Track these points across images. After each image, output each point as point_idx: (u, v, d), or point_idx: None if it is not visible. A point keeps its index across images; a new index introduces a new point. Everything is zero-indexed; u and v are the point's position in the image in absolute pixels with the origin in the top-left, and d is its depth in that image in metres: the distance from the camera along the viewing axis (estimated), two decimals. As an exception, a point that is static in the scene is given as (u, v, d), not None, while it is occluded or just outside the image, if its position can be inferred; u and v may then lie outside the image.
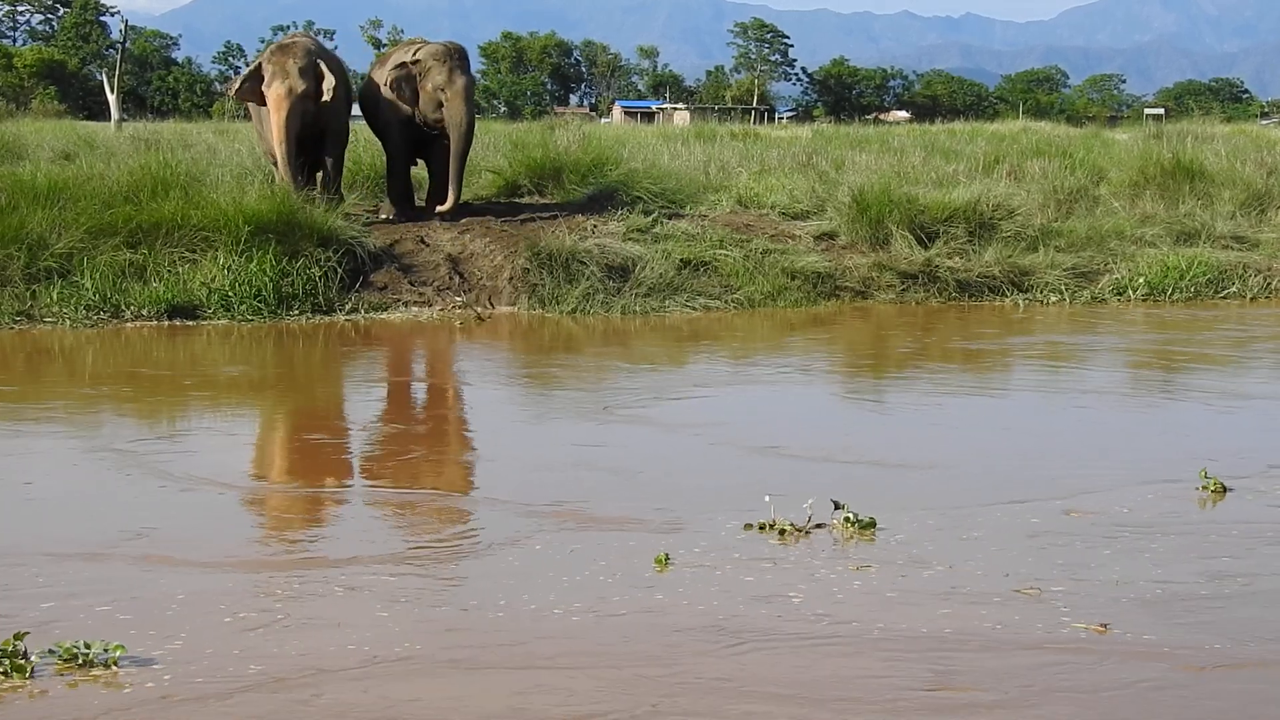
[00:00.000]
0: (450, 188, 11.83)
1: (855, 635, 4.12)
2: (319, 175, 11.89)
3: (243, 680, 3.74)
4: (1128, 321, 11.30)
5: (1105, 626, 4.21)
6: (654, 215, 12.38)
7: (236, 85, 11.81)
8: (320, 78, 11.30)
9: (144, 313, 10.11)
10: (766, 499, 5.18)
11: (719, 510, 5.34)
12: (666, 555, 4.72)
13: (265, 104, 11.39)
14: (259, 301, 10.33)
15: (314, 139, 11.56)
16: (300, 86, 11.14)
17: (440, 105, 11.69)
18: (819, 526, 5.12)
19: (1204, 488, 5.69)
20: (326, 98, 11.30)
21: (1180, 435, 7.11)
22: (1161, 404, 8.14)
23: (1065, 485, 5.81)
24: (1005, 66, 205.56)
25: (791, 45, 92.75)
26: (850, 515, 5.12)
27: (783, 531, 5.06)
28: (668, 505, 5.43)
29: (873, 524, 5.10)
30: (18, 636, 3.78)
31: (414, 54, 11.86)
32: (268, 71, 11.27)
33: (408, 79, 11.71)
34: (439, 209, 11.88)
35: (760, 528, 5.09)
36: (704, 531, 5.10)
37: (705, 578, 4.60)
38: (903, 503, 5.49)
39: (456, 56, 11.88)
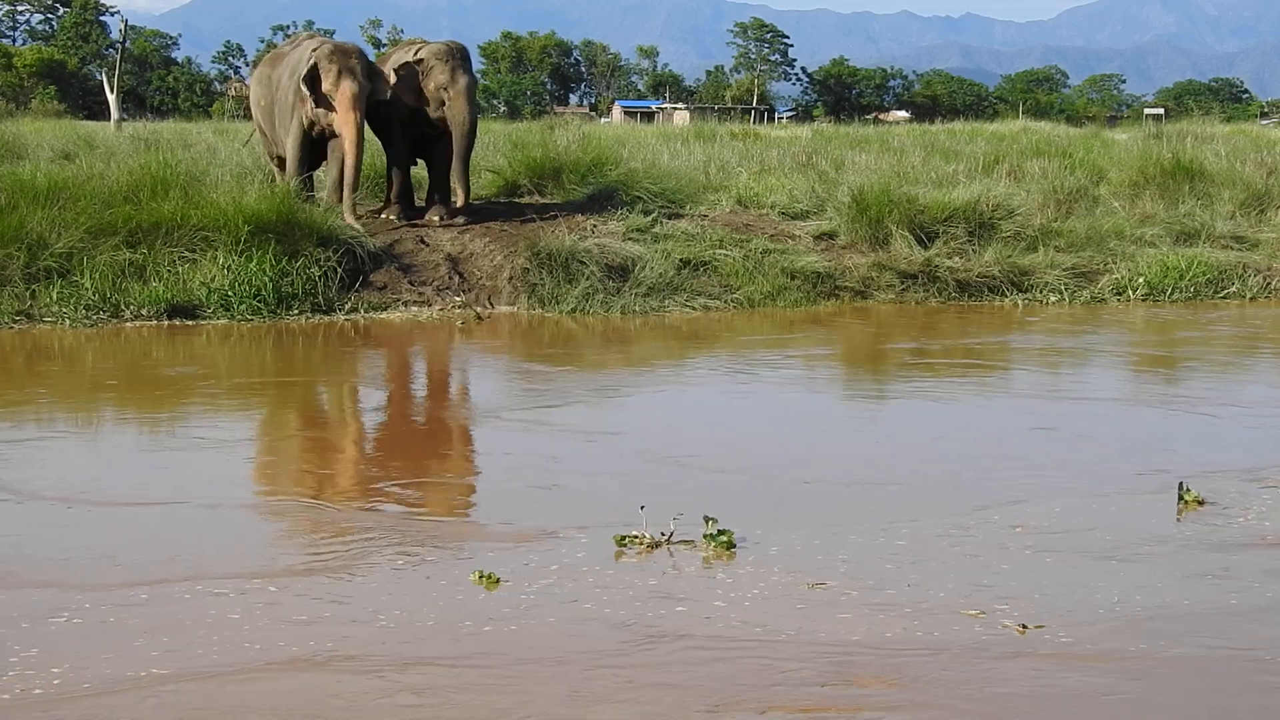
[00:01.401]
0: (459, 186, 11.88)
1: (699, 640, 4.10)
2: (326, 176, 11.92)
3: (75, 687, 3.71)
4: (1118, 323, 11.24)
5: (1024, 627, 4.19)
6: (654, 215, 12.38)
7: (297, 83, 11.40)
8: (373, 77, 11.49)
9: (143, 312, 10.10)
10: (641, 510, 5.00)
11: (599, 522, 5.17)
12: (482, 573, 4.56)
13: (312, 105, 11.28)
14: (258, 301, 10.32)
15: (326, 141, 11.59)
16: (368, 87, 11.29)
17: (443, 104, 11.70)
18: (680, 542, 4.95)
19: (1183, 500, 5.50)
20: (385, 97, 11.52)
21: (1132, 443, 6.80)
22: (1123, 410, 7.83)
23: (969, 501, 5.58)
24: (1005, 66, 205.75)
25: (791, 45, 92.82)
26: (712, 532, 4.93)
27: (643, 544, 4.93)
28: (543, 517, 5.31)
29: (731, 543, 4.89)
30: None
31: (416, 53, 11.87)
32: (329, 72, 11.22)
33: (410, 78, 11.72)
34: (455, 206, 11.90)
35: (623, 541, 4.94)
36: (579, 543, 4.98)
37: (557, 591, 4.50)
38: (782, 519, 5.30)
39: (459, 56, 11.90)
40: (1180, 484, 5.59)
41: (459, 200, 11.93)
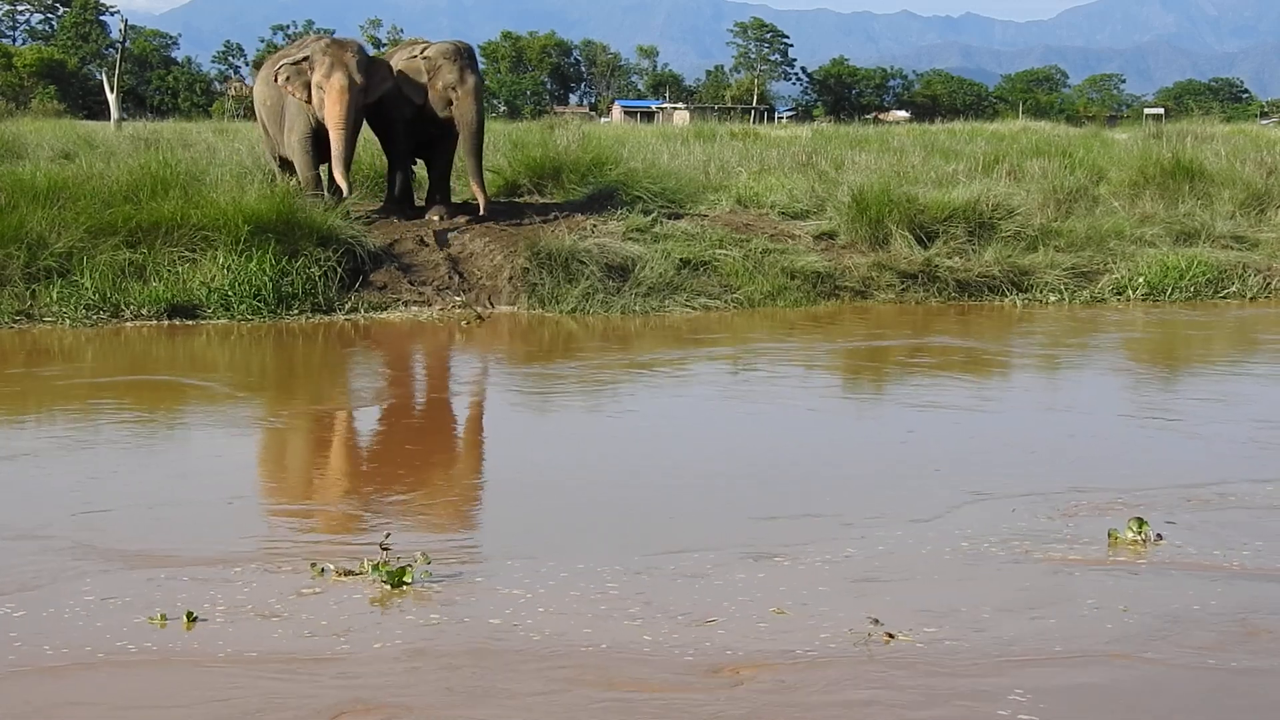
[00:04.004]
0: (477, 189, 11.84)
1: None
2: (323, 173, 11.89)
3: None
4: (1111, 326, 11.15)
5: (891, 636, 4.12)
6: (654, 215, 12.38)
7: (283, 75, 11.37)
8: (373, 74, 11.42)
9: (143, 312, 10.09)
10: (386, 537, 4.77)
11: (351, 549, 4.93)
12: (163, 615, 4.23)
13: (306, 97, 11.30)
14: (258, 301, 10.32)
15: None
16: (360, 80, 11.22)
17: (450, 104, 11.68)
18: (355, 573, 4.62)
19: (1120, 537, 5.07)
20: (389, 89, 11.52)
21: (1000, 455, 6.45)
22: (1012, 420, 7.45)
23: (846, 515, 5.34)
24: (1005, 66, 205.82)
25: (791, 45, 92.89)
26: (379, 561, 4.60)
27: (336, 574, 4.64)
28: (288, 541, 5.10)
29: (402, 577, 4.51)
30: None
31: (423, 52, 11.86)
32: (322, 63, 11.20)
33: (417, 77, 11.70)
34: (481, 213, 11.88)
35: (321, 570, 4.66)
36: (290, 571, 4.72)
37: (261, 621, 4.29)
38: (554, 541, 5.06)
39: (466, 55, 11.89)
40: (1138, 520, 5.09)
41: (480, 205, 11.86)
